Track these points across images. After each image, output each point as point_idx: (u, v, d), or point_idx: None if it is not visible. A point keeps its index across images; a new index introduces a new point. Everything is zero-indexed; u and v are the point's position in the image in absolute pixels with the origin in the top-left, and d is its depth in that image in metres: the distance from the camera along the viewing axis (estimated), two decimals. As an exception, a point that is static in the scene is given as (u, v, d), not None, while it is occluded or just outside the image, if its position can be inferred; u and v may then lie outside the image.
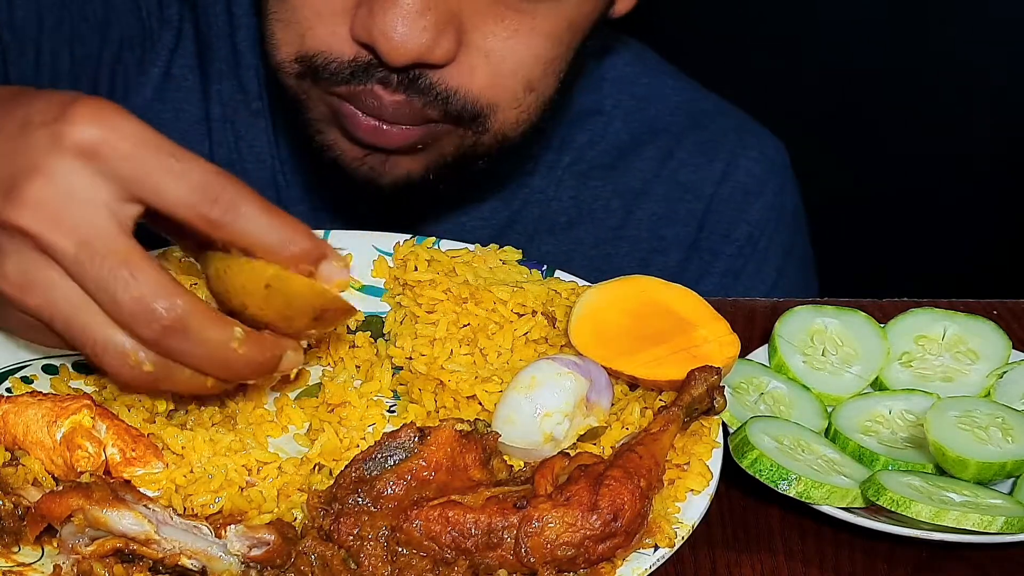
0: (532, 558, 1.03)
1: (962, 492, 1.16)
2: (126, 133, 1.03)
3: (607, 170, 1.70)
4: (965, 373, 1.31)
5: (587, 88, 1.69)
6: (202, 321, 1.05)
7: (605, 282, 1.28)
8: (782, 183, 1.74)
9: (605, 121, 1.71)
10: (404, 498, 1.06)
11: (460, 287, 1.28)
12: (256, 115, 1.63)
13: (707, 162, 1.71)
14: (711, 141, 1.73)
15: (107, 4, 1.58)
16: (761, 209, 1.71)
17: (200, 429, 1.16)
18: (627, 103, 1.72)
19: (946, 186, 2.32)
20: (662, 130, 1.72)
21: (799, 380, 1.30)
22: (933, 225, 2.34)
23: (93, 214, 1.03)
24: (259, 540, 1.04)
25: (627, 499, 1.05)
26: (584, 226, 1.68)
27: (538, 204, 1.67)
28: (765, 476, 1.15)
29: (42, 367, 1.24)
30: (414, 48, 1.32)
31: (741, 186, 1.71)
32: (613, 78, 1.72)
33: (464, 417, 1.18)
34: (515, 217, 1.65)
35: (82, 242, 1.02)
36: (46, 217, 1.02)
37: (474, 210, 1.64)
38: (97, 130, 1.02)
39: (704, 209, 1.70)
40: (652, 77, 1.75)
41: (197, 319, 1.04)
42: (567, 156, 1.69)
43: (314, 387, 1.25)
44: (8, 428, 1.12)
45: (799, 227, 1.77)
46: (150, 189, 1.03)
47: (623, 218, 1.69)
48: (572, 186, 1.69)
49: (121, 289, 1.02)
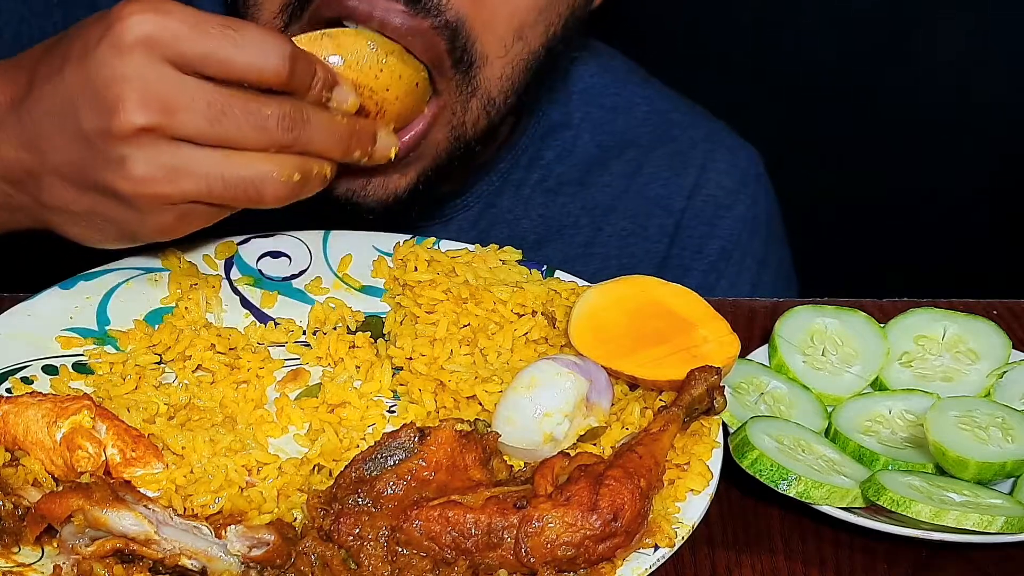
0: (532, 558, 1.03)
1: (962, 492, 1.16)
2: (178, 18, 1.15)
3: (576, 186, 1.67)
4: (965, 373, 1.31)
5: (555, 101, 1.67)
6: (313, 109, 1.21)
7: (605, 282, 1.28)
8: (754, 194, 1.71)
9: (573, 135, 1.68)
10: (404, 498, 1.06)
11: (460, 287, 1.29)
12: None
13: (676, 175, 1.69)
14: (680, 153, 1.70)
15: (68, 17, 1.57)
16: (733, 223, 1.69)
17: (200, 429, 1.16)
18: (595, 115, 1.69)
19: (946, 186, 2.32)
20: (631, 143, 1.70)
21: (799, 380, 1.30)
22: (933, 225, 2.34)
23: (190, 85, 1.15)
24: (259, 540, 1.04)
25: (627, 499, 1.05)
26: (553, 244, 1.65)
27: (506, 224, 1.64)
28: (765, 476, 1.15)
29: (42, 367, 1.24)
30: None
31: (712, 199, 1.68)
32: (581, 90, 1.69)
33: (464, 417, 1.18)
34: (482, 238, 1.58)
35: (207, 104, 1.16)
36: (159, 107, 1.14)
37: (441, 230, 1.59)
38: (150, 22, 1.14)
39: (675, 224, 1.68)
40: (620, 87, 1.71)
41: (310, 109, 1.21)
42: (535, 173, 1.66)
43: (314, 387, 1.25)
44: (8, 428, 1.12)
45: (774, 236, 1.74)
46: (218, 62, 1.16)
47: (592, 235, 1.67)
48: (540, 203, 1.66)
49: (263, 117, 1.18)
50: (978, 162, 2.32)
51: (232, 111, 1.17)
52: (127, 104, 1.14)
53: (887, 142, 2.30)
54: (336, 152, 1.25)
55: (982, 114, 2.28)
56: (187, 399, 1.20)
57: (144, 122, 1.14)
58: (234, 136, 1.17)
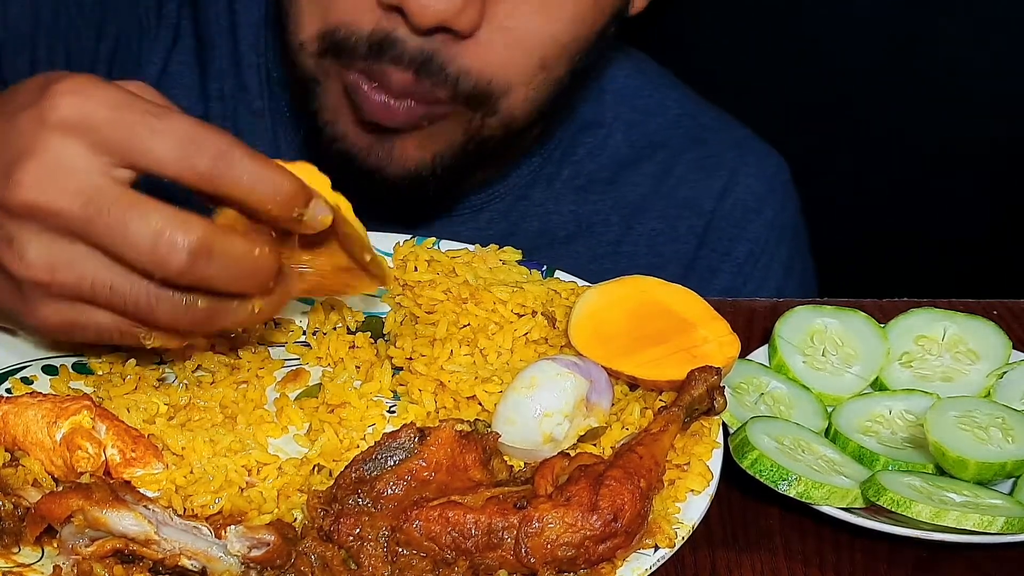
0: (532, 558, 1.03)
1: (962, 492, 1.16)
2: (104, 100, 1.05)
3: (607, 184, 1.69)
4: (965, 373, 1.31)
5: (589, 100, 1.69)
6: (222, 238, 1.06)
7: (605, 282, 1.28)
8: (783, 200, 1.73)
9: (605, 133, 1.70)
10: (404, 498, 1.06)
11: (460, 287, 1.28)
12: (257, 115, 1.63)
13: (707, 178, 1.71)
14: (711, 157, 1.72)
15: (103, 1, 1.58)
16: (761, 226, 1.70)
17: (200, 430, 1.16)
18: (628, 115, 1.71)
19: (946, 186, 2.32)
20: (661, 145, 1.71)
21: (799, 380, 1.30)
22: (933, 225, 2.34)
23: (90, 177, 1.05)
24: (259, 541, 1.04)
25: (627, 499, 1.05)
26: (583, 240, 1.67)
27: (537, 217, 1.67)
28: (765, 476, 1.15)
29: (42, 367, 1.24)
30: (443, 9, 1.33)
31: (741, 203, 1.70)
32: (614, 90, 1.72)
33: (464, 417, 1.18)
34: (513, 229, 1.64)
35: (87, 201, 1.04)
36: (48, 189, 1.04)
37: (472, 221, 1.64)
38: (77, 103, 1.05)
39: (704, 226, 1.70)
40: (653, 89, 1.74)
41: (218, 237, 1.06)
42: (567, 169, 1.68)
43: (314, 387, 1.25)
44: (8, 429, 1.12)
45: (800, 243, 1.76)
46: (137, 151, 1.05)
47: (622, 233, 1.69)
48: (572, 200, 1.68)
49: (136, 231, 1.05)
50: (978, 162, 2.31)
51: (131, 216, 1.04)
52: (24, 181, 1.05)
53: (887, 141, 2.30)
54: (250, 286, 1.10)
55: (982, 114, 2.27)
56: (187, 399, 1.20)
57: (31, 199, 1.04)
58: (126, 248, 1.05)
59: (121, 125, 1.05)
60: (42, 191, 1.04)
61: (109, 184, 1.05)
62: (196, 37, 1.63)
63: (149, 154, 1.05)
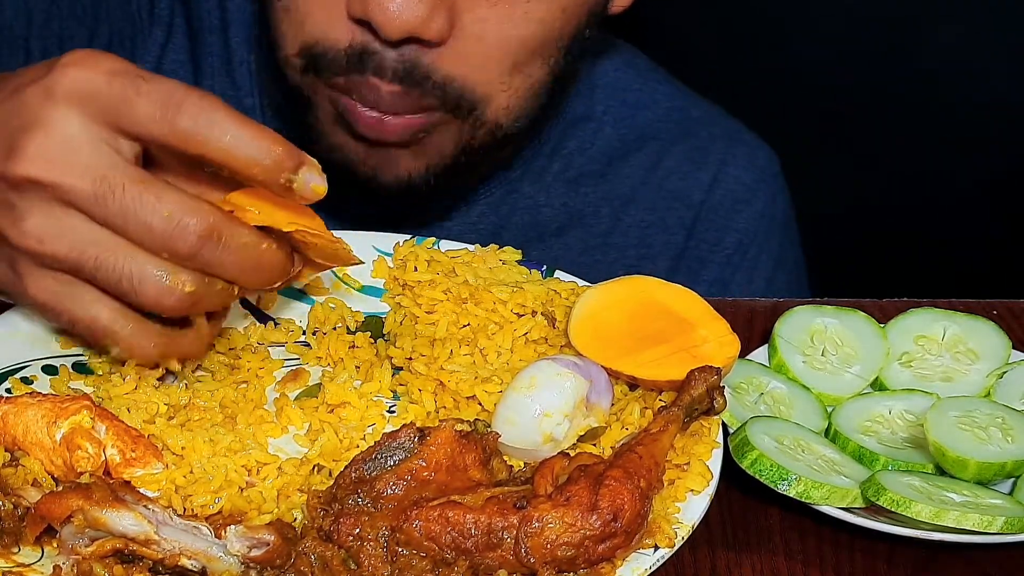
0: (532, 558, 1.03)
1: (962, 492, 1.16)
2: (103, 69, 1.06)
3: (597, 177, 1.70)
4: (965, 373, 1.31)
5: (579, 94, 1.69)
6: (233, 227, 1.07)
7: (605, 282, 1.28)
8: (772, 192, 1.73)
9: (595, 127, 1.71)
10: (404, 498, 1.06)
11: (460, 287, 1.28)
12: (248, 111, 1.63)
13: (696, 170, 1.71)
14: (700, 149, 1.72)
15: (96, 0, 1.58)
16: (751, 218, 1.71)
17: (200, 430, 1.16)
18: (618, 109, 1.72)
19: (946, 186, 2.32)
20: (651, 137, 1.72)
21: (799, 380, 1.30)
22: (933, 225, 2.34)
23: (99, 152, 1.05)
24: (259, 541, 1.04)
25: (627, 499, 1.05)
26: (573, 232, 1.68)
27: (528, 211, 1.67)
28: (765, 476, 1.15)
29: (42, 367, 1.24)
30: (409, 20, 1.33)
31: (730, 194, 1.71)
32: (605, 84, 1.72)
33: (464, 417, 1.18)
34: (504, 223, 1.65)
35: (99, 178, 1.05)
36: (55, 164, 1.05)
37: (462, 216, 1.64)
38: (80, 74, 1.06)
39: (693, 217, 1.70)
40: (643, 83, 1.74)
41: (228, 226, 1.07)
42: (557, 163, 1.69)
43: (314, 387, 1.25)
44: (8, 429, 1.12)
45: (790, 236, 1.76)
46: (124, 114, 1.05)
47: (611, 225, 1.69)
48: (562, 192, 1.69)
49: (150, 212, 1.05)
50: (978, 162, 2.32)
51: (147, 198, 1.05)
52: (26, 151, 1.05)
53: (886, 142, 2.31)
54: (248, 279, 1.11)
55: (982, 114, 2.28)
56: (187, 399, 1.20)
57: (38, 175, 1.05)
58: (136, 227, 1.06)
59: (112, 90, 1.06)
60: (51, 166, 1.05)
61: (117, 160, 1.06)
62: (189, 35, 1.63)
63: (133, 115, 1.05)
